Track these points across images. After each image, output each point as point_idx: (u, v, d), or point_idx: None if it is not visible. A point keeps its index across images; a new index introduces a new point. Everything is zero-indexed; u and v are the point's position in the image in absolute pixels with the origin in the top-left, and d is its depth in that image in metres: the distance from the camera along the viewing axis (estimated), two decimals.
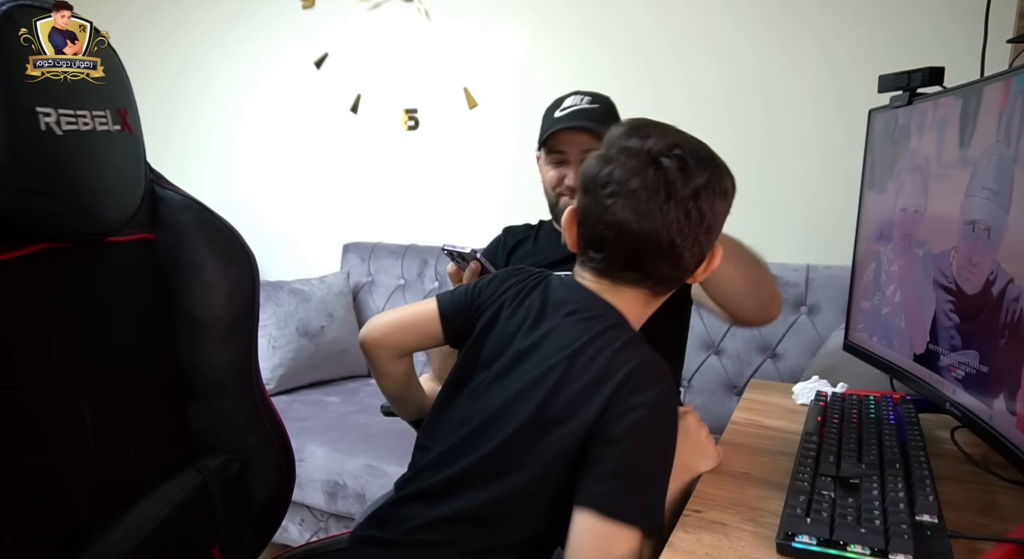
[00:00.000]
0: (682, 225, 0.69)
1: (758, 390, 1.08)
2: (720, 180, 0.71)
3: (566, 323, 0.74)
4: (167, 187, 0.82)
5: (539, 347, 0.74)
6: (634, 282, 0.74)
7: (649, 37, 1.94)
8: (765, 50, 1.81)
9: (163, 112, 2.71)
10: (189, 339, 0.82)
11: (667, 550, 0.62)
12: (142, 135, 0.74)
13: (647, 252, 0.70)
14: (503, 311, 0.79)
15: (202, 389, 0.84)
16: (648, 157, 0.69)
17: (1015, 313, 0.66)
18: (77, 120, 0.64)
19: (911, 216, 0.90)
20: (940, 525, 0.60)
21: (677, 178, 0.68)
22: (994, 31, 0.98)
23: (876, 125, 1.02)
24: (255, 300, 0.85)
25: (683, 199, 0.68)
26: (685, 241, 0.69)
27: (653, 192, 0.68)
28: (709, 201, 0.70)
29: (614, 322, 0.73)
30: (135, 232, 0.76)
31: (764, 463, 0.79)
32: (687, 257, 0.71)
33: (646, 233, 0.69)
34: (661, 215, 0.68)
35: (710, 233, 0.72)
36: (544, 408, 0.70)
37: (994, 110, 0.72)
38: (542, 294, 0.79)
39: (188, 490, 0.77)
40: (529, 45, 2.10)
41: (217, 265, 0.81)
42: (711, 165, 0.71)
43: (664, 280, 0.74)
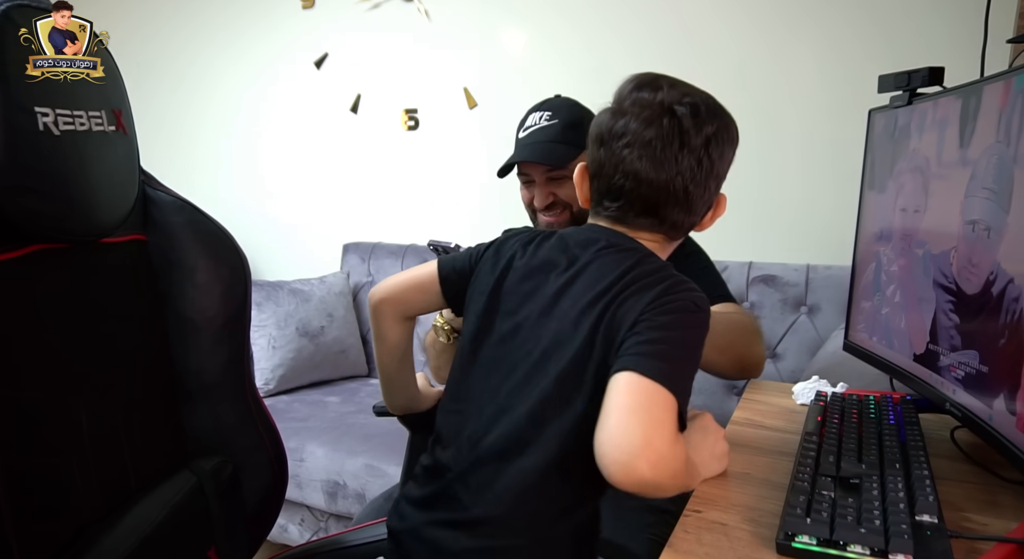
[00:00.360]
0: (695, 172, 0.72)
1: (758, 390, 1.08)
2: (728, 128, 0.76)
3: (602, 255, 0.74)
4: (158, 188, 0.81)
5: (579, 279, 0.73)
6: (649, 227, 0.76)
7: (649, 37, 1.94)
8: (765, 50, 1.81)
9: (162, 112, 2.71)
10: (181, 341, 0.81)
11: (667, 550, 0.62)
12: (135, 136, 0.74)
13: (662, 199, 0.73)
14: (515, 261, 0.79)
15: (195, 391, 0.83)
16: (662, 108, 0.73)
17: (1015, 313, 0.66)
18: (74, 120, 0.63)
19: (911, 216, 0.90)
20: (940, 525, 0.60)
21: (690, 127, 0.72)
22: (994, 31, 0.98)
23: (876, 125, 1.02)
24: (247, 302, 0.85)
25: (696, 147, 0.72)
26: (697, 188, 0.73)
27: (668, 141, 0.71)
28: (719, 149, 0.74)
29: (648, 252, 0.76)
30: (127, 233, 0.76)
31: (764, 463, 0.79)
32: (698, 204, 0.75)
33: (663, 181, 0.72)
34: (676, 163, 0.71)
35: (719, 180, 0.76)
36: (601, 325, 0.68)
37: (994, 110, 0.72)
38: (560, 240, 0.79)
39: (184, 492, 0.76)
40: (529, 45, 2.11)
41: (209, 266, 0.81)
42: (720, 114, 0.75)
43: (677, 225, 0.77)
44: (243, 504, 0.87)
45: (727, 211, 0.81)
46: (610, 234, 0.77)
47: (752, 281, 1.76)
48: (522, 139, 1.20)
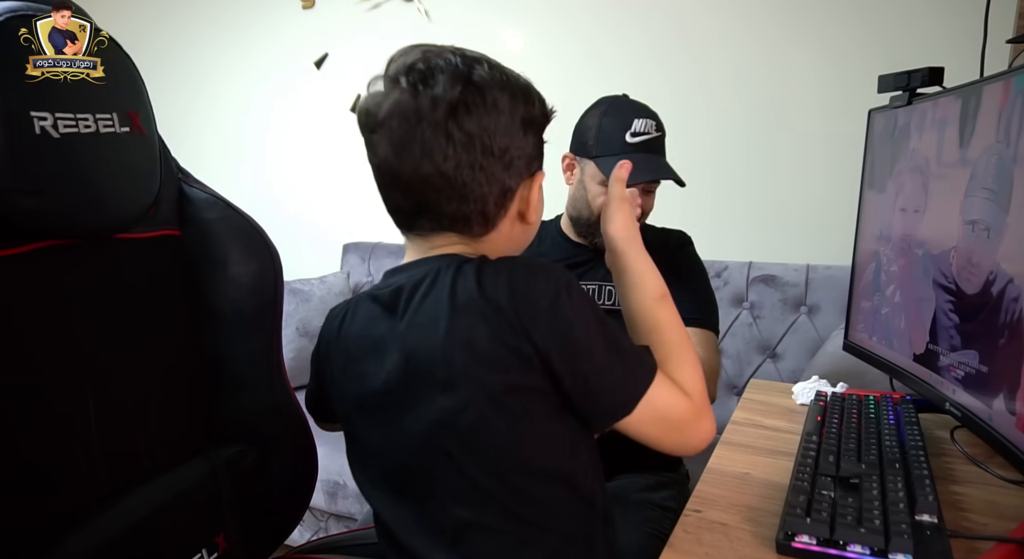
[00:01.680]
0: (446, 150, 0.60)
1: (758, 390, 1.08)
2: (484, 92, 0.61)
3: (412, 307, 0.62)
4: (194, 186, 0.85)
5: (403, 352, 0.62)
6: (434, 229, 0.66)
7: (648, 37, 1.94)
8: (765, 50, 1.81)
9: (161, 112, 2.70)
10: (211, 331, 0.84)
11: (667, 550, 0.62)
12: (156, 136, 0.77)
13: (423, 189, 0.62)
14: (336, 367, 0.70)
15: (224, 380, 0.86)
16: (392, 80, 0.62)
17: (1015, 313, 0.66)
18: (77, 123, 0.65)
19: (911, 216, 0.90)
20: (940, 525, 0.60)
21: (421, 96, 0.60)
22: (994, 31, 0.98)
23: (876, 125, 1.02)
24: (278, 295, 0.87)
25: (437, 121, 0.60)
26: (462, 170, 0.61)
27: (403, 117, 0.60)
28: (474, 119, 0.60)
29: (440, 266, 0.63)
30: (159, 229, 0.79)
31: (764, 463, 0.79)
32: (476, 189, 0.62)
33: (410, 167, 0.61)
34: (420, 143, 0.60)
35: (507, 158, 0.63)
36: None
37: (994, 110, 0.72)
38: (366, 304, 0.68)
39: (193, 478, 0.79)
40: (529, 45, 2.11)
41: (240, 261, 0.84)
42: (464, 77, 0.61)
43: (464, 218, 0.64)
44: (265, 493, 0.89)
45: (727, 211, 0.80)
46: (412, 266, 0.66)
47: (752, 281, 1.76)
48: (638, 144, 1.12)
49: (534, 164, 0.67)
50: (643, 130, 1.14)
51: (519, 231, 0.70)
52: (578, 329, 0.59)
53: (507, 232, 0.68)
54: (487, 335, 0.58)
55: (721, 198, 1.89)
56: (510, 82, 0.64)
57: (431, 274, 0.63)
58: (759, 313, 1.75)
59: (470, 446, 0.60)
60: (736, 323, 1.76)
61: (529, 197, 0.68)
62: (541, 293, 0.59)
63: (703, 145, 1.90)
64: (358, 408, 0.68)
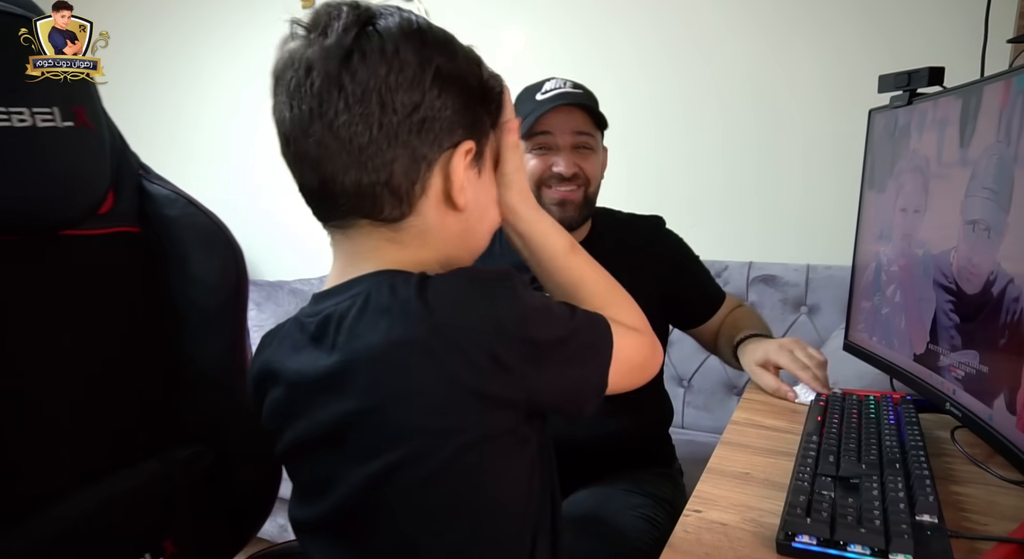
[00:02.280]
0: (337, 104, 0.52)
1: (758, 390, 1.07)
2: (384, 39, 0.53)
3: (340, 341, 0.53)
4: (155, 182, 0.83)
5: (336, 391, 0.54)
6: (346, 216, 0.57)
7: (648, 37, 1.94)
8: (765, 50, 1.81)
9: (160, 110, 2.71)
10: (174, 331, 0.83)
11: (667, 550, 0.62)
12: (106, 131, 0.75)
13: (318, 155, 0.54)
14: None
15: (187, 380, 0.84)
16: (291, 33, 0.56)
17: (1015, 313, 0.66)
18: (11, 117, 0.64)
19: (911, 216, 0.90)
20: (940, 525, 0.60)
21: (313, 44, 0.53)
22: (994, 31, 0.98)
23: (876, 125, 1.02)
24: (241, 294, 0.85)
25: (328, 70, 0.52)
26: (356, 129, 0.52)
27: (294, 69, 0.53)
28: (370, 67, 0.52)
29: (370, 289, 0.54)
30: (116, 225, 0.77)
31: (764, 463, 0.79)
32: (377, 154, 0.53)
33: (302, 128, 0.53)
34: (312, 97, 0.52)
35: (409, 118, 0.53)
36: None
37: (994, 110, 0.72)
38: (294, 333, 0.59)
39: (141, 480, 0.76)
40: (529, 44, 2.10)
41: (201, 258, 0.82)
42: (362, 22, 0.53)
43: (370, 195, 0.55)
44: (224, 497, 0.87)
45: (727, 211, 0.79)
46: (338, 290, 0.56)
47: (752, 281, 1.76)
48: (547, 98, 1.06)
49: (458, 132, 0.57)
50: (553, 86, 1.09)
51: (453, 222, 0.59)
52: (543, 340, 0.54)
53: (437, 222, 0.58)
54: (435, 375, 0.50)
55: (721, 198, 1.89)
56: (422, 31, 0.55)
57: (358, 302, 0.53)
58: (759, 313, 1.75)
59: (413, 499, 0.53)
60: None
61: (453, 169, 0.57)
62: (485, 314, 0.51)
63: (703, 145, 1.90)
64: (289, 446, 0.60)
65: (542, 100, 1.07)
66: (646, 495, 1.03)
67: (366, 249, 0.58)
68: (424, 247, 0.59)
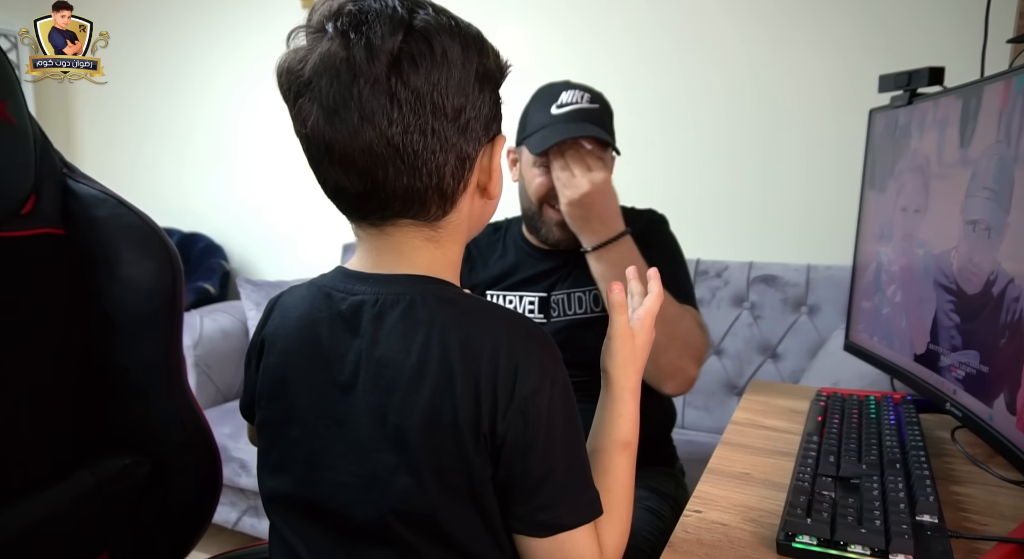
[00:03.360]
0: (390, 113, 0.50)
1: (758, 390, 1.08)
2: (431, 40, 0.51)
3: (381, 335, 0.55)
4: (81, 181, 0.79)
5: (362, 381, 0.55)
6: (386, 216, 0.56)
7: (648, 36, 1.94)
8: (765, 50, 1.81)
9: (162, 112, 2.71)
10: (101, 336, 0.79)
11: (667, 550, 0.62)
12: (30, 127, 0.72)
13: (366, 163, 0.52)
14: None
15: (118, 388, 0.81)
16: (316, 30, 0.52)
17: (1015, 313, 0.66)
18: None
19: (912, 216, 0.90)
20: (940, 525, 0.60)
21: (355, 46, 0.50)
22: (994, 31, 0.98)
23: (876, 125, 1.02)
24: (176, 298, 0.82)
25: (377, 76, 0.49)
26: (411, 136, 0.51)
27: (334, 74, 0.50)
28: (422, 73, 0.50)
29: (414, 295, 0.55)
30: (37, 227, 0.73)
31: (764, 463, 0.79)
32: (430, 159, 0.53)
33: (346, 135, 0.51)
34: (358, 104, 0.50)
35: (458, 120, 0.53)
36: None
37: (994, 110, 0.72)
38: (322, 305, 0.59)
39: (73, 493, 0.74)
40: (529, 43, 2.10)
41: (132, 261, 0.79)
42: (406, 23, 0.51)
43: (419, 198, 0.54)
44: (162, 508, 0.84)
45: (727, 211, 0.79)
46: (378, 280, 0.57)
47: (752, 281, 1.76)
48: (562, 115, 1.03)
49: (493, 126, 0.58)
50: (570, 100, 1.04)
51: (480, 207, 0.61)
52: (549, 426, 0.53)
53: (467, 210, 0.59)
54: (451, 403, 0.52)
55: (721, 198, 1.88)
56: (460, 29, 0.54)
57: (402, 303, 0.55)
58: (759, 313, 1.75)
59: (413, 521, 0.55)
60: (736, 323, 1.76)
61: (490, 166, 0.59)
62: (525, 378, 0.52)
63: (704, 145, 1.90)
64: (294, 415, 0.59)
65: (558, 116, 1.03)
66: (649, 489, 1.03)
67: (407, 249, 0.57)
68: (456, 242, 0.60)
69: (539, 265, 1.13)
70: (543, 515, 0.54)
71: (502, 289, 1.14)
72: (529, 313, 1.13)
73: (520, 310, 1.13)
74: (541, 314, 1.12)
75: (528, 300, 1.10)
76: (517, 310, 1.13)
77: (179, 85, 2.68)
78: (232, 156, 2.67)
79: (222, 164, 2.69)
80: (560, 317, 1.09)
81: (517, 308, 1.13)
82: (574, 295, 1.09)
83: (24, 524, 0.68)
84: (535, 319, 1.12)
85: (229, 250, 2.62)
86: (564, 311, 1.09)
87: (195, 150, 2.72)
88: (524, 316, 0.58)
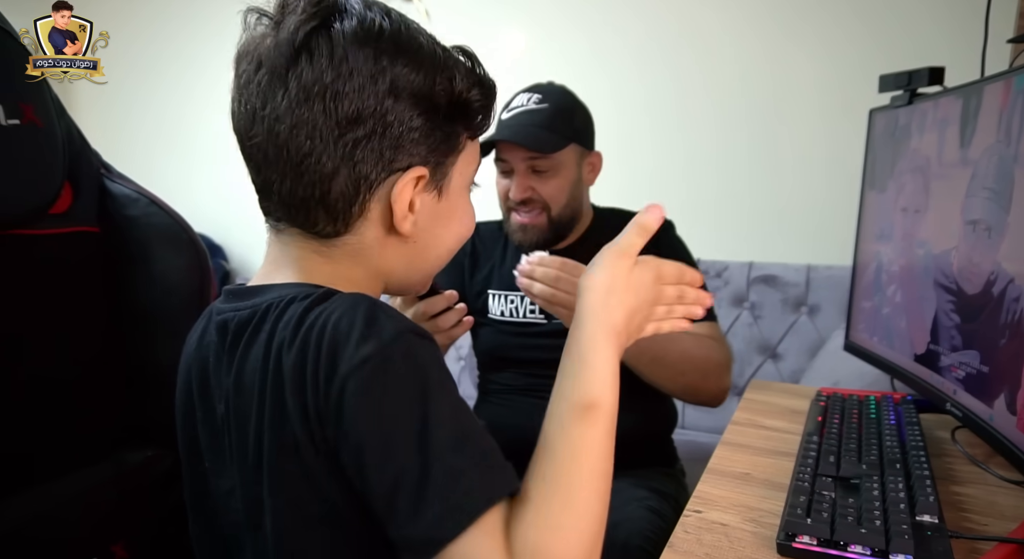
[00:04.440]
0: (280, 105, 0.48)
1: (758, 390, 1.08)
2: (333, 40, 0.48)
3: (239, 353, 0.50)
4: (117, 181, 0.82)
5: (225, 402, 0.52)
6: (279, 220, 0.53)
7: (648, 37, 1.94)
8: (765, 51, 1.81)
9: (164, 111, 2.71)
10: (132, 331, 0.81)
11: (667, 550, 0.62)
12: (59, 129, 0.73)
13: (258, 155, 0.50)
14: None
15: (149, 382, 0.82)
16: (255, 21, 0.51)
17: (1016, 313, 0.66)
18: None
19: (912, 216, 0.90)
20: (940, 525, 0.60)
21: (269, 35, 0.49)
22: (994, 31, 0.98)
23: (877, 125, 1.02)
24: (205, 294, 0.84)
25: (276, 66, 0.48)
26: (297, 133, 0.48)
27: (248, 59, 0.50)
28: (316, 69, 0.47)
29: (273, 301, 0.50)
30: (73, 225, 0.76)
31: (764, 463, 0.79)
32: (313, 165, 0.48)
33: (246, 123, 0.50)
34: (257, 93, 0.49)
35: (352, 130, 0.48)
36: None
37: (994, 110, 0.72)
38: (210, 331, 0.56)
39: (91, 482, 0.75)
40: (529, 44, 2.11)
41: (163, 259, 0.81)
42: (322, 19, 0.48)
43: (303, 206, 0.50)
44: (182, 500, 0.86)
45: (727, 211, 0.78)
46: (253, 292, 0.52)
47: (752, 281, 1.76)
48: (505, 120, 1.06)
49: (415, 154, 0.51)
50: (518, 104, 1.06)
51: (395, 248, 0.54)
52: (382, 410, 0.43)
53: (376, 245, 0.53)
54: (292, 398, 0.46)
55: (722, 198, 1.88)
56: (384, 36, 0.49)
57: (260, 311, 0.50)
58: (760, 313, 1.75)
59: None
60: (737, 323, 1.76)
61: (396, 198, 0.51)
62: (351, 349, 0.44)
63: (704, 145, 1.90)
64: (201, 449, 0.56)
65: (503, 121, 1.07)
66: (650, 489, 1.03)
67: (293, 257, 0.54)
68: (357, 265, 0.54)
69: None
70: (401, 532, 0.43)
71: (504, 289, 1.15)
72: (531, 313, 1.13)
73: (522, 310, 1.13)
74: (542, 314, 1.12)
75: (529, 300, 1.11)
76: (519, 310, 1.13)
77: (180, 85, 2.68)
78: (232, 156, 2.66)
79: (222, 164, 2.68)
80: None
81: (519, 308, 1.13)
82: None
83: (35, 512, 0.69)
84: (536, 320, 1.13)
85: (229, 250, 2.62)
86: None
87: (195, 150, 2.72)
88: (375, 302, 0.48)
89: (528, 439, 0.50)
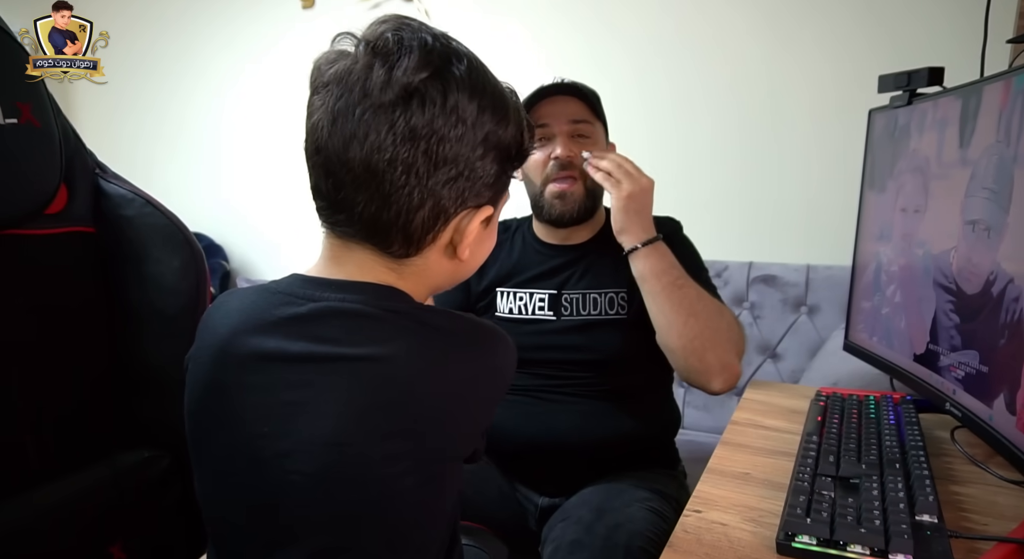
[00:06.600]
0: (382, 138, 0.51)
1: (758, 390, 1.08)
2: (447, 90, 0.52)
3: (354, 343, 0.54)
4: (112, 181, 0.82)
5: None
6: (351, 234, 0.57)
7: (649, 36, 1.94)
8: (765, 50, 1.81)
9: (163, 111, 2.71)
10: (129, 332, 0.81)
11: (667, 550, 0.62)
12: (56, 129, 0.73)
13: (345, 175, 0.53)
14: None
15: (143, 383, 0.82)
16: (355, 44, 0.55)
17: (1015, 313, 0.66)
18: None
19: (911, 216, 0.90)
20: (940, 525, 0.60)
21: (376, 70, 0.51)
22: (994, 31, 0.98)
23: (876, 125, 1.02)
24: (200, 295, 0.84)
25: (383, 103, 0.51)
26: (393, 168, 0.51)
27: (347, 87, 0.52)
28: (426, 116, 0.51)
29: (387, 309, 0.55)
30: (68, 225, 0.76)
31: (764, 463, 0.79)
32: (403, 197, 0.53)
33: (337, 144, 0.52)
34: (357, 120, 0.51)
35: (446, 171, 0.53)
36: None
37: (994, 110, 0.72)
38: (272, 310, 0.58)
39: (87, 484, 0.75)
40: (529, 44, 2.11)
41: (158, 259, 0.81)
42: (435, 67, 0.52)
43: (383, 229, 0.55)
44: (180, 502, 0.85)
45: (727, 211, 0.79)
46: (343, 287, 0.56)
47: (752, 281, 1.76)
48: (550, 85, 1.09)
49: (484, 195, 0.57)
50: (555, 80, 1.12)
51: (448, 267, 0.61)
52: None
53: (435, 264, 0.59)
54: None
55: (721, 198, 1.89)
56: (486, 90, 0.55)
57: (373, 314, 0.55)
58: (759, 313, 1.75)
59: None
60: None
61: (466, 229, 0.57)
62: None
63: (704, 144, 1.90)
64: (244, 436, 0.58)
65: (539, 90, 1.10)
66: (652, 490, 1.04)
67: (365, 268, 0.58)
68: (419, 283, 0.60)
69: (549, 262, 1.14)
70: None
71: (512, 286, 1.15)
72: (539, 310, 1.13)
73: (531, 307, 1.13)
74: (551, 311, 1.12)
75: (539, 297, 1.11)
76: (528, 307, 1.14)
77: (180, 85, 2.68)
78: (232, 156, 2.67)
79: (223, 164, 2.69)
80: (572, 316, 1.09)
81: (527, 305, 1.14)
82: (589, 296, 1.10)
83: (32, 512, 0.70)
84: (545, 316, 1.13)
85: (229, 250, 2.62)
86: (577, 311, 1.10)
87: (196, 150, 2.72)
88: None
89: (536, 446, 0.53)
